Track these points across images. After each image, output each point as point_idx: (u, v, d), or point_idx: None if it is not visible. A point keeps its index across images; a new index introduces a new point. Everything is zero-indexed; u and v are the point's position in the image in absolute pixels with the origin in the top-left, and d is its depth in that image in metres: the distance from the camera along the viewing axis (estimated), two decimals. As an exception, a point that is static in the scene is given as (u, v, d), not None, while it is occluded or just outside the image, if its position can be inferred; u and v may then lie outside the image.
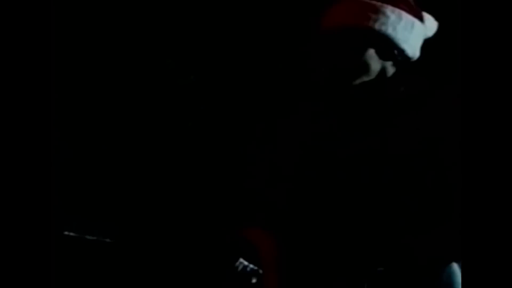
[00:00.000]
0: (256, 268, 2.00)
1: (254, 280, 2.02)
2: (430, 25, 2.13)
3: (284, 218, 2.06)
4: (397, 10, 2.04)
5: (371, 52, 2.04)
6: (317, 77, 2.09)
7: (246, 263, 1.97)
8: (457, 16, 1.88)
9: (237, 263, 1.98)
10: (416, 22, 2.07)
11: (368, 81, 2.05)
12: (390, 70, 2.07)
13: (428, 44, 2.16)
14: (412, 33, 2.05)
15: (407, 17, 2.05)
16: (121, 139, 3.54)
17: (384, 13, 2.03)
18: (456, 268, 2.02)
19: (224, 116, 3.53)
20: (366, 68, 2.04)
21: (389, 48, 2.04)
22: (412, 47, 2.07)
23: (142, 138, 3.55)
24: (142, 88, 3.55)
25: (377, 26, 2.02)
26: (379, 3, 2.04)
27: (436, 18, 2.18)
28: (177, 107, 3.58)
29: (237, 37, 3.52)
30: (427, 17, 2.12)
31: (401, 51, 2.05)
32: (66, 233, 1.98)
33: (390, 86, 2.06)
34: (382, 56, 2.05)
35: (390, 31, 2.03)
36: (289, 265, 2.04)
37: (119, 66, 3.52)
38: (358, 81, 2.05)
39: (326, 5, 2.07)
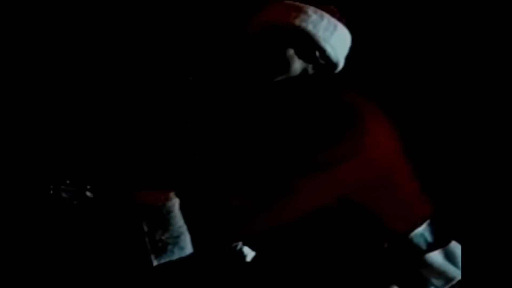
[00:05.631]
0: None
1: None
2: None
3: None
4: (320, 11, 2.05)
5: (292, 50, 2.05)
6: (248, 74, 2.11)
7: None
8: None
9: None
10: (339, 25, 2.07)
11: (287, 80, 2.06)
12: (310, 72, 2.07)
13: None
14: (334, 34, 2.05)
15: (329, 19, 2.06)
16: (120, 140, 3.58)
17: (305, 12, 2.04)
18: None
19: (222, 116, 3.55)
20: (286, 66, 2.05)
21: (310, 47, 2.05)
22: (334, 49, 2.06)
23: (141, 139, 3.59)
24: (140, 89, 3.59)
25: (297, 22, 2.03)
26: (302, 4, 2.06)
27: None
28: (175, 108, 3.60)
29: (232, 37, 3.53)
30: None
31: (322, 51, 2.05)
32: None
33: (302, 89, 2.07)
34: (303, 56, 2.05)
35: (310, 28, 2.03)
36: None
37: (117, 66, 3.56)
38: (278, 78, 2.06)
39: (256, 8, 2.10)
